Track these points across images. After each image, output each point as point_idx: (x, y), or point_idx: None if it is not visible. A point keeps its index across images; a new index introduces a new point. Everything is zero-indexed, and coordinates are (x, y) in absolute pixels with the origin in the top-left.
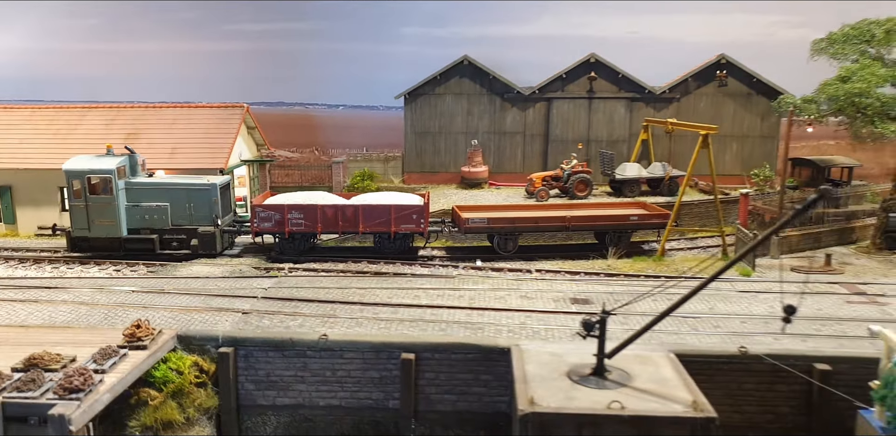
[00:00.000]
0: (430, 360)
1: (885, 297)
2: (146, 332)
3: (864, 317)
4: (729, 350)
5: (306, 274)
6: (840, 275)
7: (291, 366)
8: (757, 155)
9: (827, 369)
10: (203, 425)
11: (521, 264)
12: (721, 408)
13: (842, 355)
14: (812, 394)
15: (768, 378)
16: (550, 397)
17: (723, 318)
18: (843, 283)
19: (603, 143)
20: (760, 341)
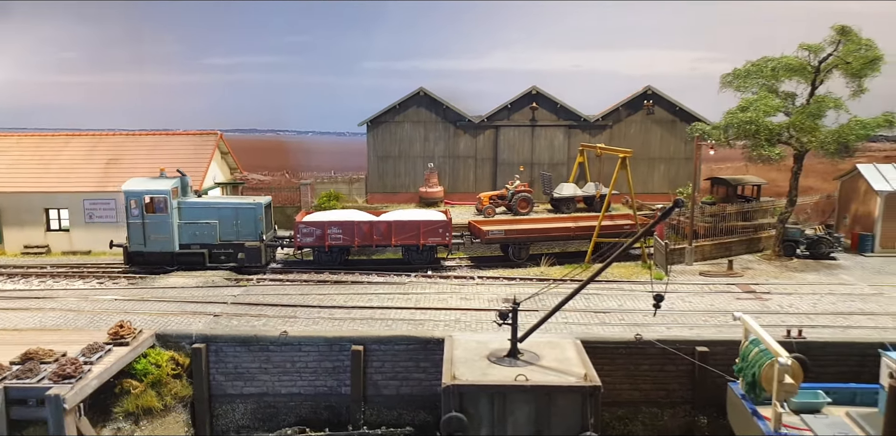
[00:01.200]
0: (376, 351)
1: (769, 294)
2: (128, 331)
3: (747, 309)
4: (626, 337)
5: (272, 283)
6: (739, 277)
7: (256, 359)
8: (682, 175)
9: (705, 350)
10: (179, 412)
11: (468, 272)
12: (622, 386)
13: (717, 338)
14: (695, 372)
15: (660, 360)
16: (469, 373)
17: (628, 312)
18: (740, 284)
19: (545, 165)
20: (655, 329)
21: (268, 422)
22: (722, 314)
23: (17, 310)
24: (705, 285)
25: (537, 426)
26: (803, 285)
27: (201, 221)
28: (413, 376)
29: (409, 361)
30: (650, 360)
